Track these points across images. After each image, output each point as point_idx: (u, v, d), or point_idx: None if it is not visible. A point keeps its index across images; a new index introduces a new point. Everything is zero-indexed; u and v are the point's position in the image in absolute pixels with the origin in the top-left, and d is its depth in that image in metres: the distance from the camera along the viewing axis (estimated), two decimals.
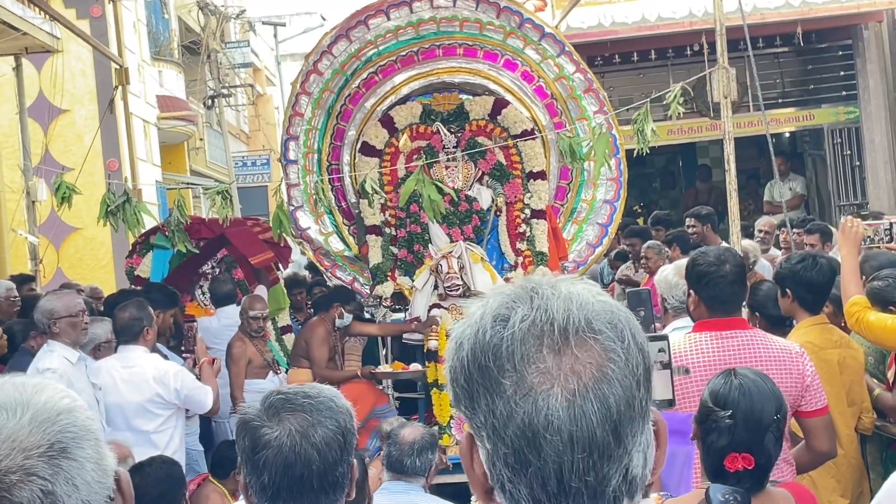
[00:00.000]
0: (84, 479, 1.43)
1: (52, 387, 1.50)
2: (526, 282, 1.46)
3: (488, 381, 1.40)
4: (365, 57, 10.14)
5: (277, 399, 2.52)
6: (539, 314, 1.40)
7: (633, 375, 1.40)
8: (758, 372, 3.63)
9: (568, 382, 1.37)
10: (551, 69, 10.16)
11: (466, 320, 1.46)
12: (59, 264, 17.20)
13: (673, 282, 5.32)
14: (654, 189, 18.48)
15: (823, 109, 15.16)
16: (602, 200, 10.24)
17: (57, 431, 1.43)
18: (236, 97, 29.31)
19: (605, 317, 1.41)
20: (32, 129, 16.46)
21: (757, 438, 3.38)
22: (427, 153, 9.91)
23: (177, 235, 8.97)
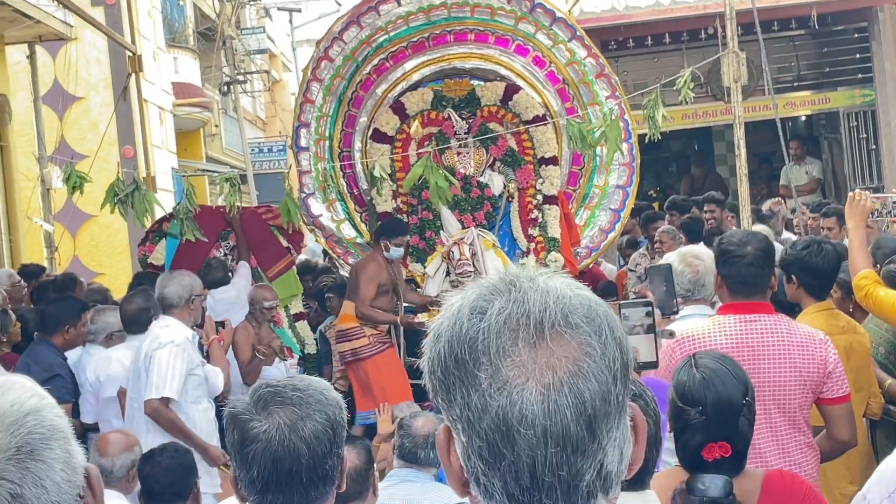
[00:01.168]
0: (53, 480, 1.42)
1: (19, 385, 1.48)
2: (506, 274, 1.45)
3: (464, 374, 1.39)
4: (376, 43, 10.13)
5: (266, 392, 2.52)
6: (516, 307, 1.39)
7: (610, 370, 1.38)
8: (718, 356, 3.58)
9: (543, 376, 1.36)
10: (563, 54, 10.13)
11: (445, 312, 1.45)
12: (75, 252, 17.28)
13: (678, 269, 5.29)
14: (670, 173, 18.42)
15: (839, 92, 15.06)
16: (614, 186, 10.22)
17: (25, 433, 1.42)
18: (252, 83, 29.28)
19: (582, 311, 1.40)
20: (47, 117, 16.51)
21: (730, 426, 3.37)
22: (438, 139, 9.91)
23: (185, 224, 8.96)
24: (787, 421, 4.38)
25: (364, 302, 9.10)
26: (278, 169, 28.75)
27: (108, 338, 7.23)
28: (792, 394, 4.38)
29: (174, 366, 6.37)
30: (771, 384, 4.37)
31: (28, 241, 15.11)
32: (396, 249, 9.20)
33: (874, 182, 14.86)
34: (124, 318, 6.94)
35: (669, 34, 14.43)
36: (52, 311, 7.41)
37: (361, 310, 9.08)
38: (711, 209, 11.29)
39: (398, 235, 9.20)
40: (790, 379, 4.38)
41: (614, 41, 14.43)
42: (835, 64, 15.10)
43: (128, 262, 17.93)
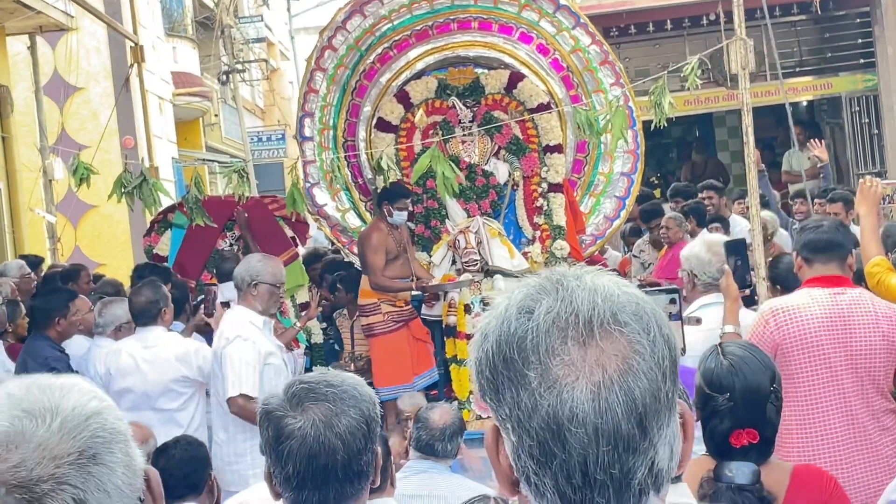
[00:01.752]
0: (115, 484, 1.41)
1: (79, 388, 1.47)
2: (551, 273, 1.45)
3: (513, 374, 1.39)
4: (379, 32, 10.10)
5: (300, 388, 2.51)
6: (564, 306, 1.39)
7: (660, 368, 1.39)
8: (745, 345, 3.64)
9: (593, 375, 1.36)
10: (567, 42, 10.11)
11: (492, 312, 1.46)
12: (76, 242, 17.27)
13: (706, 259, 5.34)
14: (671, 160, 18.42)
15: (841, 78, 15.06)
16: (619, 173, 10.21)
17: (87, 437, 1.41)
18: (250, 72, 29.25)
19: (630, 308, 1.40)
20: (48, 108, 16.48)
21: (758, 413, 3.39)
22: (443, 128, 9.89)
23: (195, 211, 8.95)
24: (875, 388, 4.66)
25: (376, 273, 9.09)
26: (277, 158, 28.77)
27: (117, 330, 7.22)
28: (879, 362, 4.66)
29: (245, 360, 6.32)
30: (862, 353, 4.64)
31: (30, 232, 15.10)
32: (399, 213, 9.18)
33: (876, 167, 14.87)
34: (133, 310, 6.92)
35: (671, 20, 14.43)
36: (39, 305, 7.40)
37: (375, 281, 9.09)
38: (710, 195, 11.31)
39: (399, 198, 9.19)
40: (878, 347, 4.65)
41: (616, 27, 14.42)
42: (837, 49, 15.09)
43: (129, 253, 17.93)
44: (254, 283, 6.58)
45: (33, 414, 1.41)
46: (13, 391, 1.45)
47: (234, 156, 26.65)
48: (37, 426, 1.40)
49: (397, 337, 9.19)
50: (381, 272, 9.09)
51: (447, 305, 9.22)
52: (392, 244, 9.17)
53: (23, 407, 1.42)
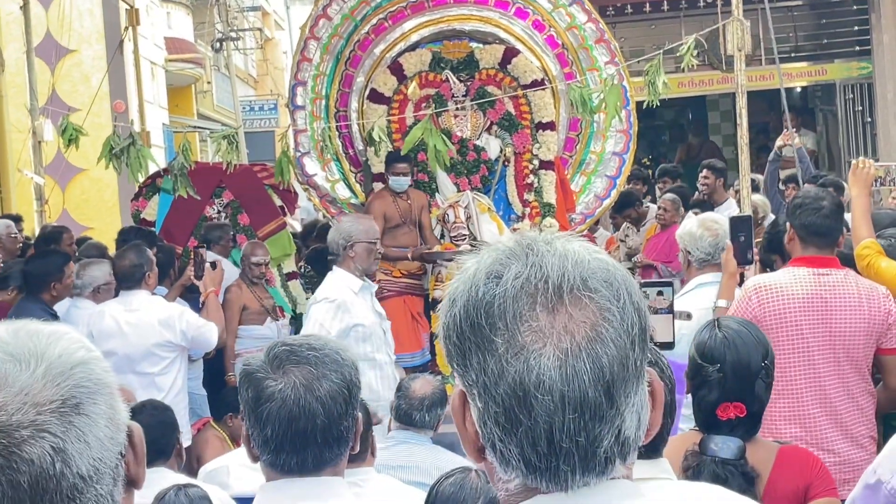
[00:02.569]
0: (96, 436, 1.39)
1: (68, 336, 1.45)
2: (522, 238, 1.43)
3: (480, 339, 1.38)
4: (375, 2, 10.04)
5: (282, 350, 2.48)
6: (533, 271, 1.38)
7: (628, 335, 1.37)
8: (741, 320, 3.72)
9: (560, 341, 1.35)
10: (563, 18, 10.06)
11: (460, 276, 1.44)
12: (64, 205, 17.18)
13: (698, 234, 5.35)
14: (663, 142, 18.41)
15: (836, 64, 15.05)
16: (611, 153, 10.18)
17: (71, 386, 1.39)
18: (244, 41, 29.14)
19: (601, 275, 1.39)
20: (39, 69, 16.36)
21: (747, 387, 3.43)
22: (436, 101, 9.84)
23: (179, 180, 8.90)
24: (853, 369, 4.72)
25: None
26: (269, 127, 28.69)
27: (95, 291, 7.20)
28: (859, 343, 4.72)
29: (320, 322, 6.39)
30: (841, 334, 4.70)
31: (18, 193, 15.03)
32: (396, 179, 9.14)
33: (869, 155, 14.85)
34: (117, 273, 6.91)
35: (668, 1, 14.39)
36: (34, 268, 7.35)
37: None
38: (706, 176, 11.27)
39: (392, 163, 9.17)
40: (859, 329, 4.71)
41: (612, 7, 14.38)
42: (833, 36, 15.08)
43: (117, 218, 17.83)
44: (349, 244, 6.64)
45: (18, 358, 1.39)
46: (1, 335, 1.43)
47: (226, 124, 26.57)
48: (20, 370, 1.38)
49: (391, 305, 9.14)
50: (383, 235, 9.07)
51: (434, 279, 9.21)
52: (394, 212, 9.14)
53: (8, 350, 1.40)
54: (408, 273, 9.21)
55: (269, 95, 31.87)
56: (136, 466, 1.49)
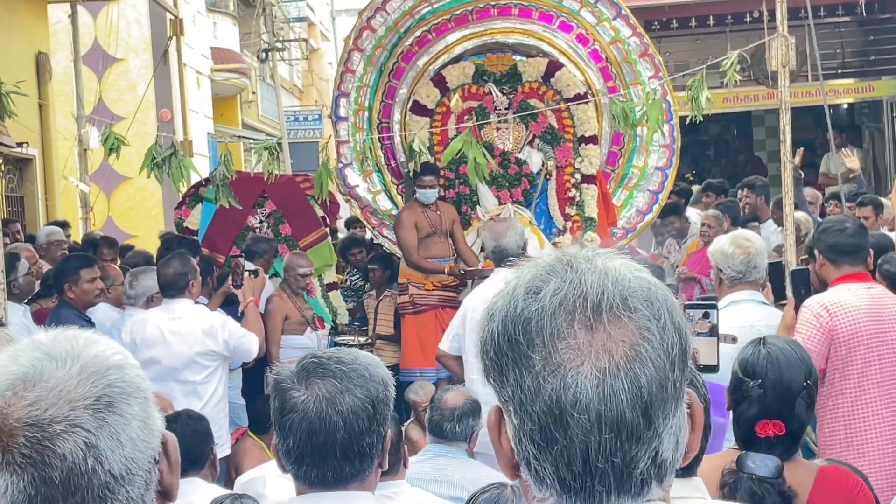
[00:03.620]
0: (129, 436, 1.42)
1: (105, 342, 1.49)
2: (562, 254, 1.42)
3: (517, 355, 1.36)
4: (419, 15, 10.06)
5: (311, 363, 2.48)
6: (572, 288, 1.36)
7: (668, 356, 1.35)
8: (788, 339, 3.69)
9: (599, 360, 1.33)
10: (607, 32, 10.04)
11: (500, 291, 1.43)
12: (109, 213, 17.34)
13: (729, 252, 5.31)
14: (708, 157, 18.30)
15: (883, 81, 14.91)
16: (654, 167, 10.14)
17: (105, 385, 1.42)
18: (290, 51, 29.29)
19: (641, 294, 1.37)
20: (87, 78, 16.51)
21: (787, 405, 3.41)
22: (478, 114, 9.85)
23: (221, 190, 8.96)
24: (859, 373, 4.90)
25: (409, 250, 9.16)
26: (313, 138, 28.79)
27: (149, 300, 7.24)
28: None
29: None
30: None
31: (63, 200, 15.17)
32: (423, 192, 9.20)
33: None
34: (161, 281, 6.93)
35: (714, 16, 14.32)
36: (52, 271, 7.46)
37: (409, 258, 9.18)
38: (746, 195, 11.20)
39: (421, 176, 9.20)
40: None
41: (658, 21, 14.31)
42: (880, 52, 14.94)
43: (161, 225, 17.97)
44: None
45: (54, 357, 1.43)
46: (40, 338, 1.49)
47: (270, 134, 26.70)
48: (56, 367, 1.42)
49: (423, 320, 9.19)
50: (414, 250, 9.13)
51: None
52: (424, 223, 9.17)
53: (46, 350, 1.45)
54: (441, 285, 9.22)
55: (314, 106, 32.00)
56: (170, 476, 1.52)
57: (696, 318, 3.88)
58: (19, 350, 1.46)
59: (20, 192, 13.70)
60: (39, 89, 13.95)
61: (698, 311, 3.92)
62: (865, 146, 15.61)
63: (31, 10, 13.99)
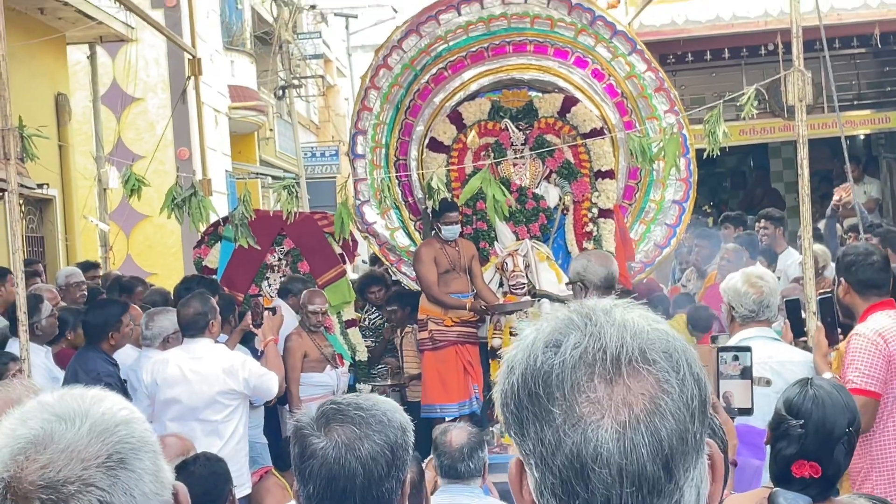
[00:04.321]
0: (142, 491, 1.44)
1: (111, 398, 1.51)
2: (581, 306, 1.42)
3: (538, 409, 1.37)
4: (435, 52, 10.13)
5: (330, 409, 2.50)
6: (592, 342, 1.37)
7: (688, 408, 1.36)
8: (834, 384, 3.66)
9: (619, 414, 1.34)
10: (622, 67, 10.08)
11: (519, 343, 1.43)
12: (128, 251, 17.42)
13: (742, 290, 5.29)
14: (725, 189, 18.28)
15: None
16: (671, 201, 10.15)
17: (115, 442, 1.44)
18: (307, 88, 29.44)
19: (660, 346, 1.37)
20: (105, 117, 16.69)
21: (827, 449, 3.39)
22: (495, 150, 9.88)
23: (240, 230, 9.01)
24: None
25: (430, 286, 9.18)
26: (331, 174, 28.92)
27: (165, 341, 7.27)
28: None
29: None
30: None
31: (84, 239, 15.25)
32: (448, 228, 9.23)
33: None
34: (181, 321, 6.97)
35: (729, 49, 14.33)
36: (92, 319, 7.46)
37: (430, 293, 9.20)
38: (765, 226, 11.21)
39: (444, 212, 9.23)
40: None
41: (673, 55, 14.34)
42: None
43: (180, 263, 18.07)
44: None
45: (63, 417, 1.45)
46: (47, 399, 1.49)
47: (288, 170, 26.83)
48: (66, 429, 1.43)
49: (443, 356, 9.21)
50: (435, 285, 9.16)
51: (492, 327, 9.22)
52: (444, 259, 9.20)
53: (54, 411, 1.46)
54: (461, 321, 9.23)
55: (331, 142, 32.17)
56: None
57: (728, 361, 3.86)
58: (27, 412, 1.47)
59: (40, 233, 13.78)
60: (59, 130, 14.06)
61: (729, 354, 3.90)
62: (883, 176, 15.58)
63: (51, 52, 14.13)
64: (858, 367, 4.91)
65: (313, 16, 29.90)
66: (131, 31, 15.03)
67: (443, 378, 9.18)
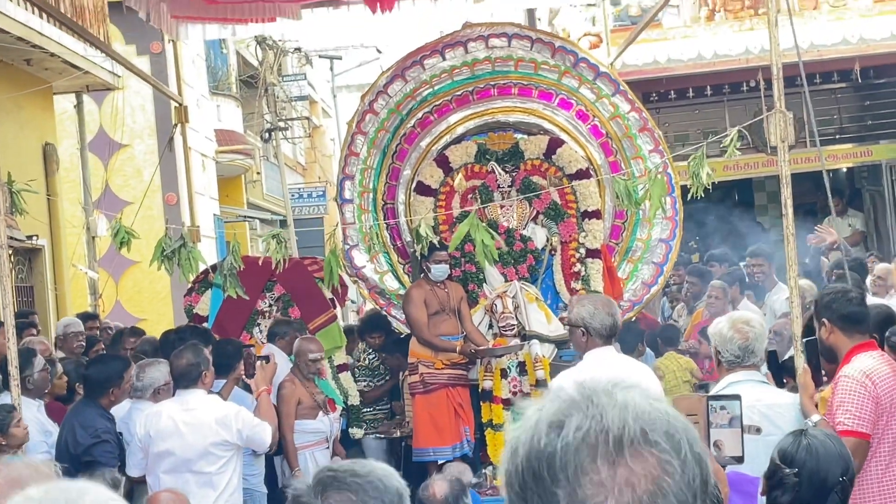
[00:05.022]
0: None
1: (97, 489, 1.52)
2: (583, 387, 1.45)
3: (542, 490, 1.39)
4: (420, 97, 10.21)
5: (326, 476, 2.52)
6: (594, 423, 1.39)
7: (690, 488, 1.39)
8: (828, 433, 3.70)
9: (622, 495, 1.36)
10: (606, 108, 10.18)
11: (522, 424, 1.46)
12: (117, 297, 17.39)
13: (728, 335, 5.31)
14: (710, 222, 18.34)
15: (882, 145, 15.03)
16: (657, 239, 10.22)
17: None
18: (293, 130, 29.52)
19: (661, 427, 1.40)
20: (93, 164, 16.72)
21: (820, 498, 3.44)
22: (482, 193, 9.94)
23: (228, 280, 9.05)
24: None
25: (422, 329, 9.18)
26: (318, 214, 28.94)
27: (156, 393, 7.28)
28: None
29: None
30: None
31: (73, 287, 15.23)
32: (438, 267, 9.27)
33: None
34: (174, 372, 6.98)
35: (711, 87, 14.47)
36: (95, 374, 7.47)
37: (420, 335, 9.20)
38: (758, 262, 11.24)
39: (433, 252, 9.26)
40: None
41: (656, 93, 14.48)
42: (877, 117, 15.06)
43: (169, 309, 18.05)
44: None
45: None
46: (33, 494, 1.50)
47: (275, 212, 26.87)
48: None
49: (434, 399, 9.22)
50: (425, 327, 9.16)
51: (483, 369, 9.25)
52: (433, 301, 9.23)
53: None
54: (451, 364, 9.25)
55: (318, 182, 32.20)
56: None
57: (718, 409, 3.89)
58: None
59: (30, 282, 13.78)
60: (47, 180, 14.08)
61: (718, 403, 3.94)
62: (867, 209, 15.69)
63: (38, 102, 14.18)
64: (849, 408, 4.93)
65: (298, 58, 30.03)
66: (117, 79, 15.09)
67: (435, 421, 9.19)
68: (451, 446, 9.13)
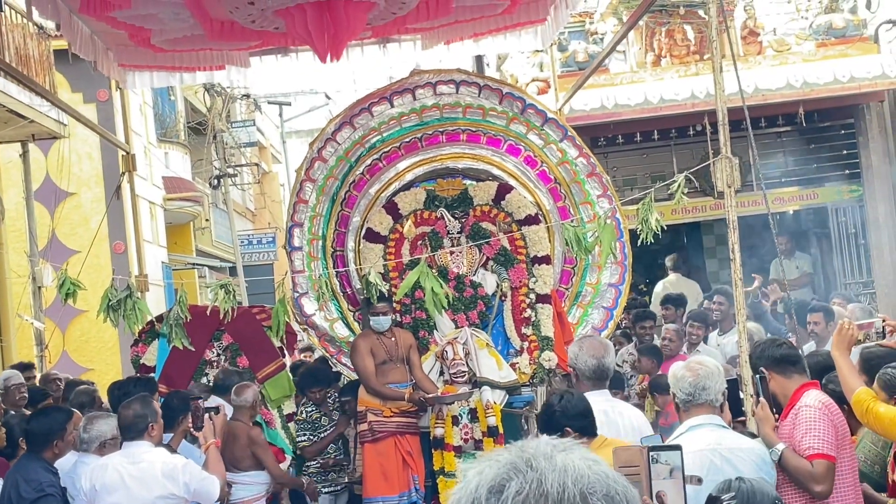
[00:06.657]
0: None
1: None
2: (522, 449, 1.45)
3: None
4: (369, 143, 10.21)
5: None
6: (533, 487, 1.39)
7: None
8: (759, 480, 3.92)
9: None
10: (554, 154, 10.23)
11: (462, 487, 1.45)
12: (64, 347, 17.21)
13: (679, 374, 5.34)
14: (660, 265, 18.45)
15: (827, 188, 15.21)
16: (607, 284, 10.25)
17: None
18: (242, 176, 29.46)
19: (600, 489, 1.40)
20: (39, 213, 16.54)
21: None
22: (431, 239, 9.93)
23: (175, 331, 8.97)
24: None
25: (369, 378, 9.18)
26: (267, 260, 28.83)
27: (101, 446, 7.17)
28: None
29: None
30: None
31: (19, 337, 15.04)
32: (377, 319, 9.29)
33: (863, 276, 14.95)
34: (121, 423, 6.88)
35: (658, 131, 14.59)
36: (37, 427, 7.32)
37: (368, 384, 9.19)
38: (720, 302, 11.40)
39: (372, 304, 9.28)
40: None
41: (604, 137, 14.58)
42: (822, 160, 15.25)
43: (117, 358, 17.88)
44: None
45: None
46: None
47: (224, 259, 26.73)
48: None
49: (383, 447, 9.17)
50: (373, 376, 9.16)
51: (434, 417, 9.20)
52: (381, 350, 9.22)
53: None
54: (400, 411, 9.21)
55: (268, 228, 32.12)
56: None
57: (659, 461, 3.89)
58: None
59: None
60: None
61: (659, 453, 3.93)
62: (813, 251, 15.84)
63: None
64: (816, 434, 5.16)
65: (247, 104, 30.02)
66: (63, 127, 14.97)
67: (384, 469, 9.14)
68: (398, 495, 9.08)
